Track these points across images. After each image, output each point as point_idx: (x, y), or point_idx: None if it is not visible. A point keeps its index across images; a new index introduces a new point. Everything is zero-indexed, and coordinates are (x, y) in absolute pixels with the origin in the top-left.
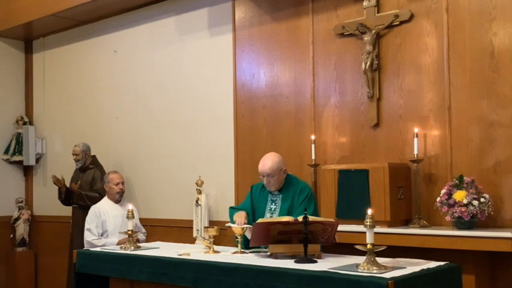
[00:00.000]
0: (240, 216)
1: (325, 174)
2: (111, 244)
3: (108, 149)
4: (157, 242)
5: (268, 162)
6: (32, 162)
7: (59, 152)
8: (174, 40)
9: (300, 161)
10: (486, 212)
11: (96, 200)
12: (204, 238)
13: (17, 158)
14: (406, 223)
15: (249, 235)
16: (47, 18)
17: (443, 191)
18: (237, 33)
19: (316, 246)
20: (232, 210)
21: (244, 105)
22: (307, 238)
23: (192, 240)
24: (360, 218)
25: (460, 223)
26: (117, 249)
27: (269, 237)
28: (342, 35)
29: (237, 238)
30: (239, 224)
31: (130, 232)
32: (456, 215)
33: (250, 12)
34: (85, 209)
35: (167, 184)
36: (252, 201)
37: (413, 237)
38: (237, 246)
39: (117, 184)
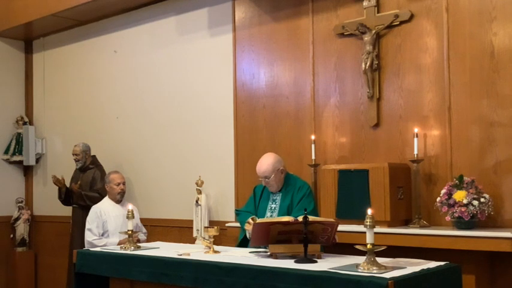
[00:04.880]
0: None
1: (325, 174)
2: (111, 244)
3: (108, 149)
4: (157, 242)
5: (263, 164)
6: (32, 162)
7: (59, 152)
8: (174, 40)
9: (300, 161)
10: (486, 212)
11: (96, 200)
12: (204, 238)
13: (17, 158)
14: (406, 223)
15: None
16: (47, 18)
17: (443, 191)
18: (237, 33)
19: (316, 246)
20: (239, 212)
21: (244, 105)
22: (307, 238)
23: (192, 240)
24: (360, 218)
25: (460, 223)
26: (117, 249)
27: (269, 237)
28: (342, 35)
29: None
30: None
31: (130, 232)
32: (456, 215)
33: (250, 12)
34: (85, 209)
35: (167, 184)
36: (255, 202)
37: (413, 237)
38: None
39: (118, 184)
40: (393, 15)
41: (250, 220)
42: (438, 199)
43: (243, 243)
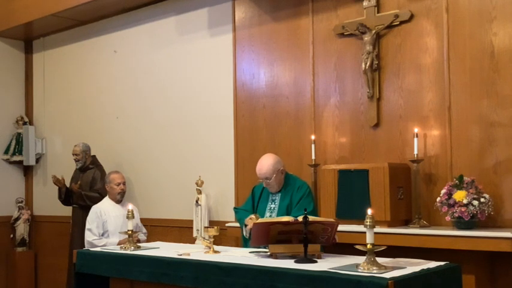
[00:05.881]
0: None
1: (325, 174)
2: (111, 244)
3: (108, 149)
4: (157, 242)
5: (264, 165)
6: (32, 162)
7: (59, 152)
8: (174, 40)
9: (300, 161)
10: (486, 212)
11: (96, 200)
12: (204, 238)
13: (17, 158)
14: (406, 223)
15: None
16: (47, 18)
17: (443, 191)
18: (237, 33)
19: (316, 246)
20: (237, 210)
21: (244, 105)
22: (307, 238)
23: (192, 240)
24: (360, 218)
25: (460, 223)
26: (117, 249)
27: (269, 237)
28: (342, 35)
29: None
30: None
31: (130, 232)
32: (456, 215)
33: (250, 12)
34: (85, 209)
35: (167, 184)
36: (253, 202)
37: (413, 237)
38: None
39: (119, 184)
40: (393, 15)
41: (253, 216)
42: (438, 199)
43: (247, 241)
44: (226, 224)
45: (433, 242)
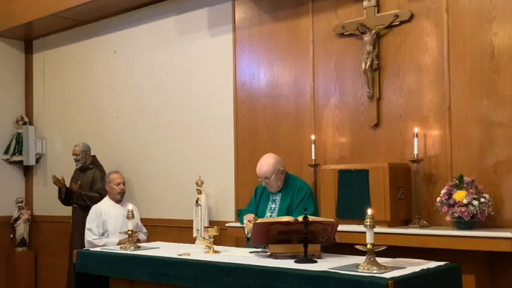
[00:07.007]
0: (249, 216)
1: (325, 174)
2: (111, 244)
3: (108, 149)
4: (158, 242)
5: (263, 165)
6: (32, 162)
7: (59, 152)
8: (174, 40)
9: (300, 161)
10: (486, 212)
11: (96, 200)
12: (204, 238)
13: (17, 158)
14: (406, 223)
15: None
16: (47, 18)
17: (443, 191)
18: (237, 33)
19: (316, 246)
20: (240, 212)
21: (244, 105)
22: (307, 238)
23: (192, 240)
24: (360, 218)
25: (460, 223)
26: (117, 249)
27: (269, 237)
28: (342, 35)
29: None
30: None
31: (130, 232)
32: (456, 215)
33: (250, 12)
34: (85, 209)
35: (167, 184)
36: (255, 202)
37: (413, 237)
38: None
39: (118, 184)
40: (393, 15)
41: (251, 218)
42: (438, 199)
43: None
44: (226, 224)
45: (433, 242)
